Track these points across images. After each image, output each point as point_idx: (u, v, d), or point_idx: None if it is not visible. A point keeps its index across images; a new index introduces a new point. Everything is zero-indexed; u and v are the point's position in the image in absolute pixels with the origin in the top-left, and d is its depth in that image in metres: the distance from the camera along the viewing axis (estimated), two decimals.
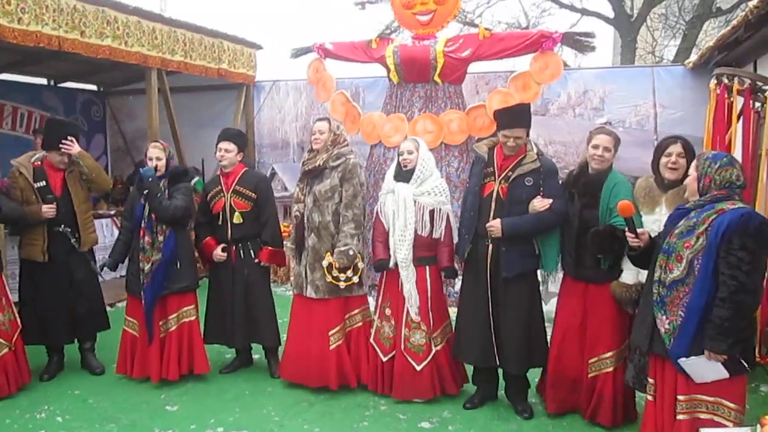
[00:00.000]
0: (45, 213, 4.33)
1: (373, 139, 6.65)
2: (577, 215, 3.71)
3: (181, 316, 4.42)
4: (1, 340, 4.11)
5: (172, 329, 4.39)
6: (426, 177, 4.08)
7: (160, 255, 4.27)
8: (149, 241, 4.27)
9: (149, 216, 4.27)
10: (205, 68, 7.45)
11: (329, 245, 4.20)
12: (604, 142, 3.68)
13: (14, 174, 4.44)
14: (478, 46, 6.25)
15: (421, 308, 4.05)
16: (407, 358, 4.09)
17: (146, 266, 4.26)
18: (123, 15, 6.21)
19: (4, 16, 5.01)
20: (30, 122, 8.32)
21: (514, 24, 13.06)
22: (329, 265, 4.14)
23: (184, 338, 4.42)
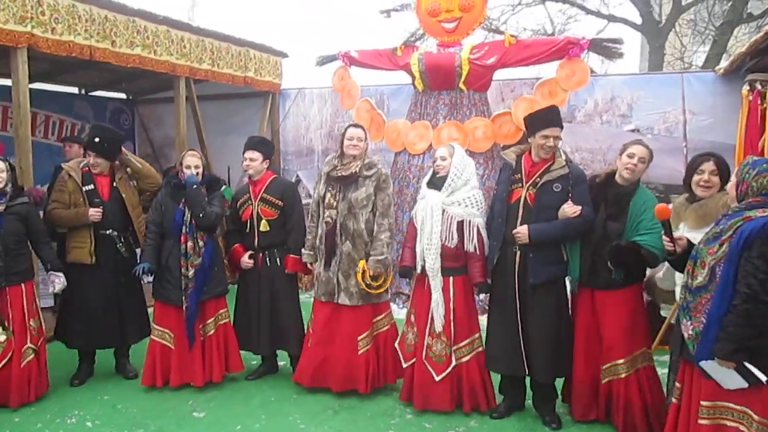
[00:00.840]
0: (92, 216, 4.41)
1: (397, 146, 6.67)
2: (601, 225, 3.68)
3: (218, 318, 4.51)
4: (30, 345, 4.18)
5: (211, 333, 4.46)
6: (458, 186, 4.02)
7: (201, 260, 4.33)
8: (192, 246, 4.33)
9: (191, 222, 4.33)
10: (232, 76, 7.53)
11: (363, 252, 4.23)
12: (640, 153, 3.64)
13: (64, 177, 4.55)
14: (503, 53, 6.24)
15: (445, 320, 4.01)
16: (427, 367, 4.06)
17: (190, 271, 4.32)
18: (153, 24, 6.31)
19: (38, 26, 5.13)
20: (61, 130, 8.48)
21: (539, 30, 12.97)
22: (363, 273, 4.16)
23: (222, 340, 4.50)
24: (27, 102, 5.20)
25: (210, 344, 4.46)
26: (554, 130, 3.81)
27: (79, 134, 8.52)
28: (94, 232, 4.47)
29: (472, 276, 4.01)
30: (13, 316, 4.08)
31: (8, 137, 6.61)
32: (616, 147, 6.69)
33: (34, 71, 5.28)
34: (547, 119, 3.87)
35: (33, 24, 5.10)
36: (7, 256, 4.04)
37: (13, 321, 4.09)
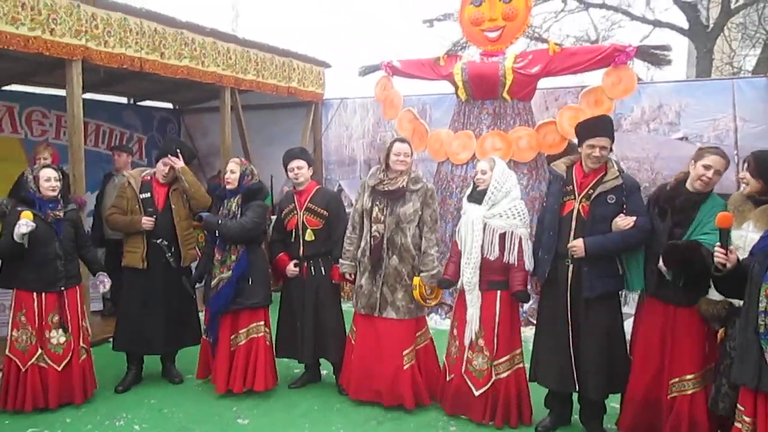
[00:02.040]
0: (144, 224, 4.53)
1: (440, 156, 6.65)
2: (667, 233, 3.54)
3: (250, 331, 4.51)
4: (82, 345, 4.32)
5: (241, 343, 4.49)
6: (499, 199, 3.98)
7: (230, 273, 4.38)
8: (218, 259, 4.42)
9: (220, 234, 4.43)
10: (276, 87, 7.64)
11: (410, 266, 4.23)
12: (717, 164, 3.47)
13: (124, 185, 4.73)
14: (548, 62, 6.18)
15: (487, 333, 3.97)
16: (467, 381, 4.02)
17: (213, 282, 4.42)
18: (200, 36, 6.47)
19: (92, 39, 5.31)
20: (111, 139, 8.72)
21: (582, 37, 12.83)
22: (418, 288, 4.17)
23: (251, 353, 4.50)
24: (80, 112, 5.39)
25: (238, 354, 4.48)
26: (600, 140, 3.74)
27: (127, 143, 8.76)
28: (147, 240, 4.59)
29: (512, 285, 3.96)
30: (71, 318, 4.24)
31: (62, 145, 6.82)
32: (663, 155, 6.64)
33: (86, 82, 5.47)
34: (595, 129, 3.80)
35: (87, 37, 5.28)
36: (66, 260, 4.20)
37: (71, 322, 4.24)
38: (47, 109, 8.00)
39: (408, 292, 4.22)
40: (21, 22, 4.76)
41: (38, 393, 4.13)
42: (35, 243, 4.06)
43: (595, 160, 3.75)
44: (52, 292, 4.16)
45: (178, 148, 4.73)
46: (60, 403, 4.21)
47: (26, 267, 4.11)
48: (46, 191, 4.13)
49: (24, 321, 4.12)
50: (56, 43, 5.03)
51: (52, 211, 4.14)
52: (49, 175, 4.16)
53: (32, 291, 4.13)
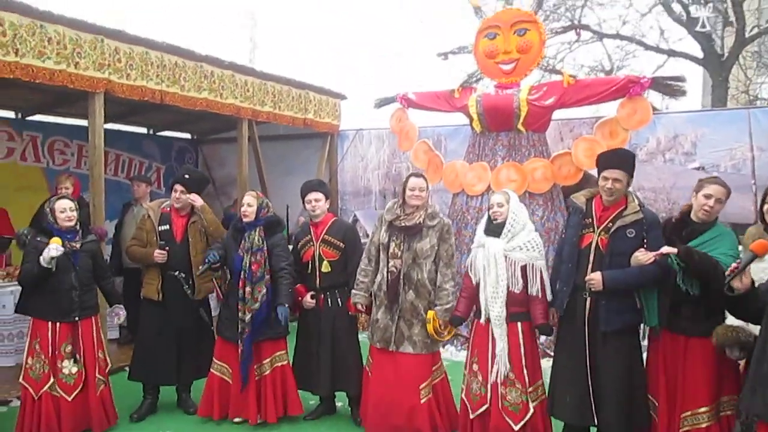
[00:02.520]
0: (156, 257, 4.58)
1: (455, 187, 6.67)
2: None
3: (274, 360, 4.54)
4: (99, 375, 4.34)
5: (266, 373, 4.50)
6: (517, 231, 3.97)
7: (258, 305, 4.39)
8: (249, 292, 4.40)
9: (249, 267, 4.41)
10: (292, 118, 7.75)
11: (426, 301, 4.21)
12: (717, 194, 3.50)
13: (144, 216, 4.79)
14: (562, 94, 6.21)
15: (516, 365, 3.93)
16: (505, 417, 3.92)
17: (246, 316, 4.39)
18: (219, 69, 6.60)
19: (114, 72, 5.44)
20: (130, 168, 8.87)
21: (596, 67, 12.90)
22: (432, 322, 4.15)
23: (278, 381, 4.52)
24: (102, 143, 5.50)
25: (265, 384, 4.50)
26: (612, 172, 3.73)
27: (146, 172, 8.90)
28: (163, 272, 4.63)
29: (534, 318, 3.93)
30: (84, 348, 4.26)
31: (83, 174, 6.96)
32: (680, 185, 6.62)
33: (107, 113, 5.58)
34: (608, 161, 3.82)
35: (110, 70, 5.42)
36: (81, 291, 4.24)
37: (85, 352, 4.26)
38: (69, 139, 8.17)
39: (425, 327, 4.20)
40: (47, 56, 4.90)
41: (52, 422, 4.13)
42: (52, 273, 4.10)
43: (607, 192, 3.75)
44: (66, 323, 4.19)
45: (186, 175, 4.78)
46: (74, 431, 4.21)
47: (41, 296, 4.16)
48: (63, 222, 4.20)
49: (38, 349, 4.17)
50: (80, 76, 5.16)
51: (69, 242, 4.19)
52: (64, 206, 4.22)
53: (47, 320, 4.18)
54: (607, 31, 12.57)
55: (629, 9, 12.19)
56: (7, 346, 5.57)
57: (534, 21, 6.43)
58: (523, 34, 6.38)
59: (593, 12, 12.41)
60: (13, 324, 5.52)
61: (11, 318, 5.46)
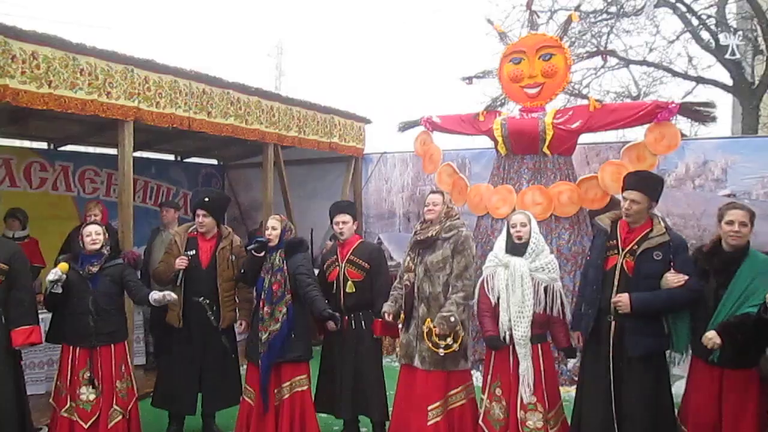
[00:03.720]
0: (177, 263, 4.59)
1: (480, 210, 6.64)
2: (713, 295, 3.48)
3: (293, 385, 4.46)
4: (116, 407, 4.24)
5: (285, 397, 4.44)
6: (539, 251, 3.98)
7: (278, 326, 4.37)
8: (268, 312, 4.39)
9: (270, 288, 4.41)
10: (318, 142, 7.81)
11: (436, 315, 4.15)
12: (739, 217, 3.46)
13: (171, 242, 4.82)
14: (588, 118, 6.18)
15: (536, 388, 3.87)
16: None
17: (263, 336, 4.37)
18: (245, 96, 6.69)
19: (144, 101, 5.54)
20: (158, 195, 9.00)
21: (623, 93, 12.77)
22: (429, 331, 4.07)
23: (296, 407, 4.44)
24: (131, 171, 5.57)
25: (283, 409, 4.43)
26: (630, 192, 3.73)
27: (173, 198, 9.01)
28: (186, 297, 4.61)
29: (558, 341, 3.91)
30: (103, 377, 4.21)
31: (112, 202, 7.07)
32: (710, 212, 6.47)
33: (136, 141, 5.68)
34: (628, 182, 3.83)
35: (139, 99, 5.52)
36: (98, 316, 4.19)
37: (103, 381, 4.21)
38: (99, 168, 8.35)
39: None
40: (79, 86, 5.01)
41: None
42: (69, 296, 4.16)
43: (624, 212, 3.75)
44: (84, 348, 4.19)
45: (206, 198, 4.79)
46: None
47: (62, 319, 4.23)
48: (88, 245, 4.25)
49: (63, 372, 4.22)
50: (111, 105, 5.26)
51: (89, 266, 4.23)
52: (90, 230, 4.30)
53: (68, 344, 4.22)
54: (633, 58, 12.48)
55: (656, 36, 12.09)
56: (38, 374, 5.60)
57: (559, 46, 6.43)
58: (548, 59, 6.38)
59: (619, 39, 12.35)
60: (43, 352, 5.55)
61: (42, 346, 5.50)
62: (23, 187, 7.64)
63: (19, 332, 4.03)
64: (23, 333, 4.03)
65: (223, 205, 4.96)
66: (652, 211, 3.79)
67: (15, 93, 4.58)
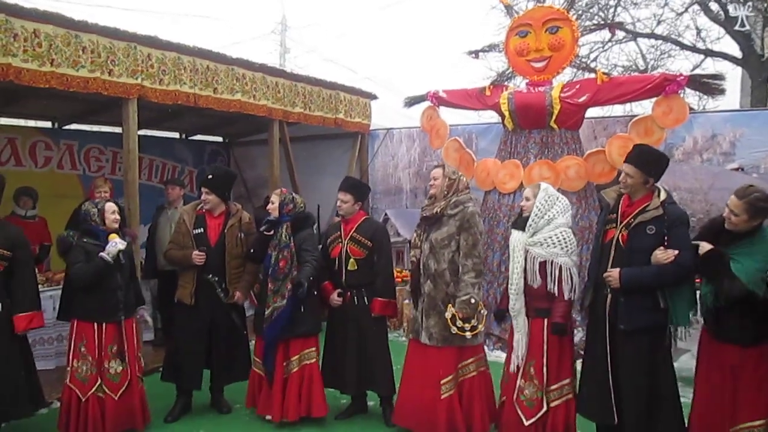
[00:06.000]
0: (194, 259, 4.59)
1: (487, 185, 6.62)
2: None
3: (302, 358, 4.54)
4: (138, 374, 4.40)
5: (293, 371, 4.51)
6: (541, 226, 3.90)
7: (284, 302, 4.40)
8: (273, 289, 4.43)
9: (276, 264, 4.43)
10: (323, 118, 7.78)
11: (444, 293, 4.15)
12: (731, 204, 3.42)
13: (180, 220, 4.81)
14: (596, 92, 6.11)
15: (537, 362, 3.88)
16: (517, 410, 3.92)
17: (267, 311, 4.42)
18: (250, 72, 6.65)
19: (148, 78, 5.51)
20: (163, 173, 9.01)
21: (630, 67, 12.62)
22: (452, 317, 4.07)
23: (305, 380, 4.52)
24: (136, 148, 5.57)
25: (291, 382, 4.50)
26: (625, 166, 3.69)
27: (179, 176, 9.01)
28: (198, 276, 4.64)
29: (552, 315, 3.86)
30: (128, 347, 4.30)
31: (117, 180, 7.07)
32: (718, 186, 6.45)
33: (140, 119, 5.65)
34: (627, 154, 3.78)
35: (143, 77, 5.48)
36: (125, 290, 4.29)
37: (128, 352, 4.31)
38: (104, 146, 8.35)
39: (441, 319, 4.12)
40: (81, 64, 4.97)
41: (98, 422, 4.18)
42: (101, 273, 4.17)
43: (621, 184, 3.73)
44: (112, 323, 4.24)
45: (210, 175, 4.79)
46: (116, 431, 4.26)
47: (88, 298, 4.21)
48: (111, 224, 4.27)
49: (84, 351, 4.19)
50: (114, 83, 5.23)
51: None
52: (113, 208, 4.32)
53: (93, 322, 4.22)
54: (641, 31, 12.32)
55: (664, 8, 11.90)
56: (48, 350, 5.66)
57: (566, 18, 6.34)
58: (555, 32, 6.30)
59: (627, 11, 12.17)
60: (53, 328, 5.61)
61: (51, 322, 5.56)
62: (29, 166, 7.66)
63: (22, 318, 4.06)
64: (25, 319, 4.07)
65: (228, 182, 4.94)
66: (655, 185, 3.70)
67: (17, 72, 4.55)
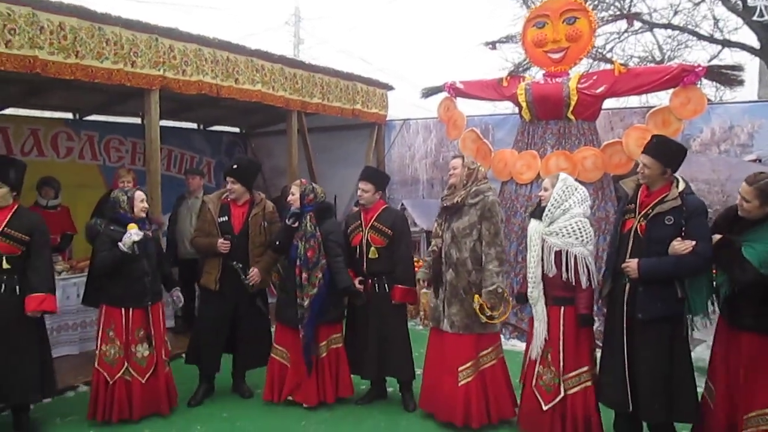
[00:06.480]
0: (219, 247, 4.69)
1: (504, 175, 6.66)
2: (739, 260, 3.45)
3: (330, 342, 4.66)
4: (165, 358, 4.53)
5: (323, 355, 4.63)
6: (557, 216, 3.94)
7: (316, 290, 4.50)
8: (306, 278, 4.51)
9: (304, 254, 4.52)
10: (341, 109, 7.85)
11: (466, 281, 4.23)
12: (742, 191, 3.47)
13: (205, 209, 4.90)
14: (613, 83, 6.13)
15: (553, 348, 3.95)
16: (536, 395, 4.00)
17: (305, 302, 4.50)
18: (269, 63, 6.73)
19: (170, 69, 5.61)
20: (182, 163, 9.12)
21: (647, 58, 12.56)
22: (481, 307, 4.15)
23: (333, 362, 4.65)
24: (158, 138, 5.67)
25: (322, 366, 4.63)
26: (643, 157, 3.73)
27: (197, 166, 9.12)
28: (223, 262, 4.75)
29: (577, 307, 3.92)
30: (154, 332, 4.44)
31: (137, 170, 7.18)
32: (735, 178, 6.44)
33: (162, 110, 5.74)
34: (645, 145, 3.81)
35: (165, 68, 5.57)
36: (152, 277, 4.41)
37: (155, 336, 4.44)
38: (124, 137, 8.46)
39: (463, 307, 4.22)
40: (105, 56, 5.07)
41: (124, 405, 4.33)
42: (126, 260, 4.28)
43: (639, 175, 3.77)
44: (139, 308, 4.36)
45: (234, 165, 4.88)
46: (142, 414, 4.39)
47: (116, 284, 4.33)
48: (140, 212, 4.39)
49: (112, 336, 4.33)
50: (137, 74, 5.33)
51: (143, 229, 4.36)
52: (142, 196, 4.44)
53: (120, 307, 4.34)
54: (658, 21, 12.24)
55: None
56: (72, 335, 5.80)
57: (584, 9, 6.36)
58: (572, 23, 6.32)
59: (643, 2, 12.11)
60: (77, 314, 5.76)
61: (75, 308, 5.71)
62: (51, 157, 7.79)
63: (33, 298, 4.06)
64: (36, 299, 4.06)
65: (253, 172, 5.04)
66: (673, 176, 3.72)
67: (44, 64, 4.67)
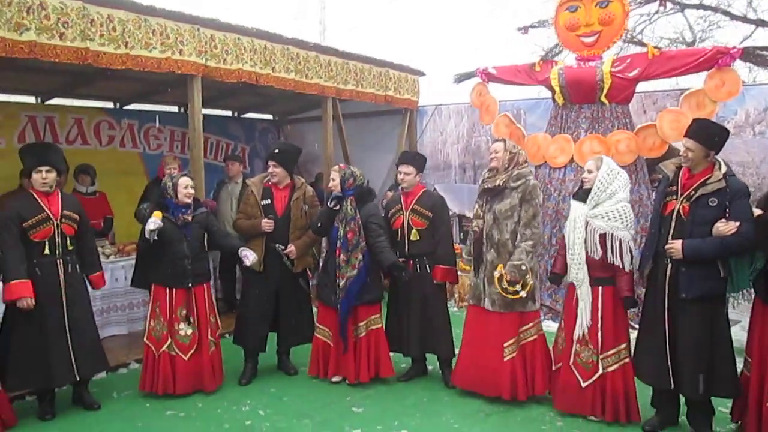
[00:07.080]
0: (263, 226, 4.88)
1: (537, 159, 6.73)
2: None
3: (369, 323, 4.82)
4: (211, 337, 4.74)
5: (362, 335, 4.81)
6: (603, 199, 4.04)
7: (356, 272, 4.67)
8: (344, 260, 4.68)
9: (345, 236, 4.68)
10: (374, 95, 7.96)
11: (506, 261, 4.36)
12: None
13: (248, 192, 5.08)
14: (647, 66, 6.15)
15: (592, 327, 4.07)
16: (574, 372, 4.14)
17: (341, 282, 4.67)
18: (304, 51, 6.86)
19: (212, 58, 5.78)
20: (218, 150, 9.33)
21: (677, 39, 12.45)
22: (500, 277, 4.30)
23: (372, 344, 4.82)
24: (200, 126, 5.86)
25: (360, 346, 4.81)
26: (686, 140, 3.81)
27: (233, 152, 9.32)
28: (266, 244, 4.93)
29: (620, 290, 4.02)
30: (198, 312, 4.66)
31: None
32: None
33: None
34: (687, 129, 3.88)
35: (207, 57, 5.75)
36: (193, 259, 4.62)
37: (198, 316, 4.66)
38: (162, 125, 8.67)
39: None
40: (153, 46, 5.28)
41: (168, 379, 4.58)
42: (167, 243, 4.52)
43: (682, 158, 3.84)
44: (181, 288, 4.60)
45: (276, 150, 5.05)
46: (187, 390, 4.63)
47: (160, 264, 4.59)
48: (183, 198, 4.59)
49: (158, 312, 4.61)
50: (184, 62, 5.52)
51: (182, 215, 4.59)
52: (187, 183, 4.64)
53: (164, 286, 4.60)
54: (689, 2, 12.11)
55: None
56: (120, 316, 6.08)
57: None
58: (605, 6, 6.33)
59: None
60: (125, 296, 6.04)
61: (123, 290, 5.98)
62: (94, 145, 8.04)
63: (99, 276, 4.61)
64: (101, 276, 4.63)
65: (294, 157, 5.20)
66: (715, 158, 3.80)
67: (96, 55, 4.87)
